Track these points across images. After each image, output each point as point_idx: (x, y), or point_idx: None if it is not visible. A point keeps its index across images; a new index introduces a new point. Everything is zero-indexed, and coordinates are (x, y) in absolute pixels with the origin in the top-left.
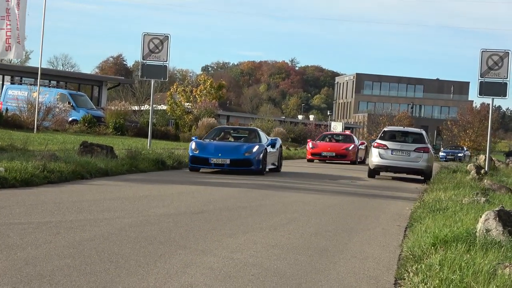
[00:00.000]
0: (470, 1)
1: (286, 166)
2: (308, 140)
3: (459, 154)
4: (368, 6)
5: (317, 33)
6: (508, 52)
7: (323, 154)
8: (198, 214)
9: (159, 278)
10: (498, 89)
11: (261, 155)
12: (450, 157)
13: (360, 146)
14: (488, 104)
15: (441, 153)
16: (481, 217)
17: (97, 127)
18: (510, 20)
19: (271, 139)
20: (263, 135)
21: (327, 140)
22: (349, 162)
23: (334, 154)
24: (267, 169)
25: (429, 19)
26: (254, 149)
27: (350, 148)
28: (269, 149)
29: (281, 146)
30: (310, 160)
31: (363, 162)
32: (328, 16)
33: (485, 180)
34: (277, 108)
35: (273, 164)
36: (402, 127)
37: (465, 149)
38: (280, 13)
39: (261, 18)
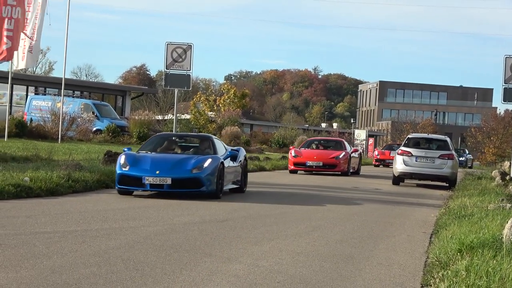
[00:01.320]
0: (493, 8)
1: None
2: (291, 147)
3: (461, 158)
4: (391, 13)
5: (340, 41)
6: None
7: (308, 164)
8: (223, 222)
9: (185, 286)
10: None
11: (216, 172)
12: None
13: (353, 154)
14: None
15: None
16: (507, 223)
17: (121, 136)
18: None
19: (231, 150)
20: (219, 144)
21: (313, 147)
22: (339, 173)
23: (321, 164)
24: (226, 189)
25: (452, 26)
26: (206, 164)
27: (340, 157)
28: (228, 163)
29: (246, 159)
30: (292, 171)
31: (356, 173)
32: (351, 23)
33: (510, 187)
34: (301, 117)
35: (234, 182)
36: (426, 134)
37: (467, 152)
38: (302, 21)
39: (283, 26)
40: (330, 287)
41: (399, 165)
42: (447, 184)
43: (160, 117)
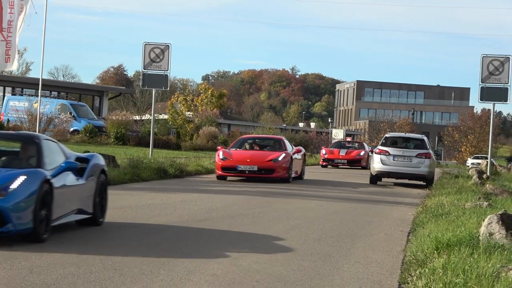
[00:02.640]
0: (470, 8)
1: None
2: (219, 148)
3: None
4: (368, 13)
5: (317, 41)
6: (509, 58)
7: (240, 169)
8: (201, 221)
9: (163, 285)
10: (499, 94)
11: (34, 198)
12: None
13: (295, 156)
14: (489, 110)
15: None
16: (484, 221)
17: (99, 137)
18: (511, 26)
19: (77, 158)
20: (52, 148)
21: (247, 147)
22: (278, 178)
23: (255, 168)
24: (67, 222)
25: (429, 26)
26: (14, 185)
27: (279, 159)
28: (65, 180)
29: (105, 172)
30: (221, 177)
31: (299, 177)
32: (328, 24)
33: (487, 185)
34: (278, 116)
35: (82, 210)
36: (403, 133)
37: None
38: (280, 21)
39: (261, 27)
40: (308, 286)
41: (377, 164)
42: (425, 183)
43: (137, 117)
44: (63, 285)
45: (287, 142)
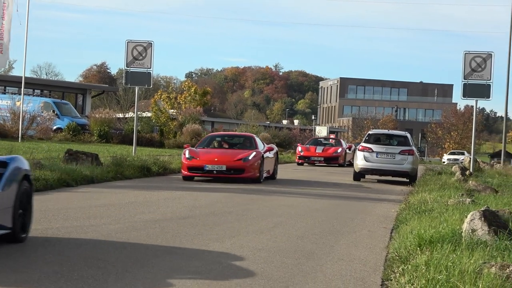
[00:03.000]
0: (453, 5)
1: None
2: (185, 146)
3: None
4: (351, 11)
5: (300, 38)
6: (491, 54)
7: (207, 169)
8: (185, 219)
9: (146, 283)
10: (482, 91)
11: None
12: None
13: (267, 154)
14: (472, 106)
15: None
16: (466, 217)
17: (82, 135)
18: (493, 22)
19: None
20: None
21: (215, 145)
22: (248, 178)
23: (224, 168)
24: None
25: (411, 23)
26: None
27: (250, 158)
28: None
29: (30, 180)
30: (187, 178)
31: (271, 177)
32: (311, 21)
33: (470, 182)
34: (262, 114)
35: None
36: (386, 130)
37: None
38: (263, 19)
39: (244, 24)
40: (291, 283)
41: (360, 161)
42: (408, 180)
43: (121, 115)
44: (46, 283)
45: (258, 140)
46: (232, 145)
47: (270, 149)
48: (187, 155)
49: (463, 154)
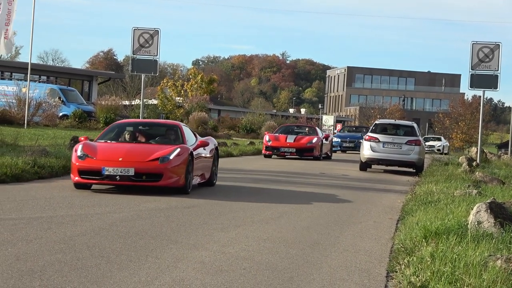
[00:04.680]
0: None
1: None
2: (81, 139)
3: (362, 140)
4: None
5: (308, 26)
6: (499, 45)
7: (107, 173)
8: (189, 208)
9: (151, 272)
10: (489, 82)
11: None
12: (348, 144)
13: (199, 151)
14: (480, 97)
15: (335, 139)
16: (472, 209)
17: (88, 122)
18: (501, 13)
19: None
20: None
21: (126, 137)
22: (167, 187)
23: (131, 172)
24: None
25: (420, 12)
26: None
27: (171, 157)
28: None
29: None
30: (79, 186)
31: (208, 183)
32: (320, 9)
33: (477, 173)
34: (269, 102)
35: None
36: (393, 120)
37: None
38: (271, 6)
39: (251, 12)
40: (296, 274)
41: (366, 151)
42: (414, 170)
43: (127, 103)
44: (49, 272)
45: (186, 130)
46: (150, 138)
47: (203, 144)
48: (79, 152)
49: (439, 140)
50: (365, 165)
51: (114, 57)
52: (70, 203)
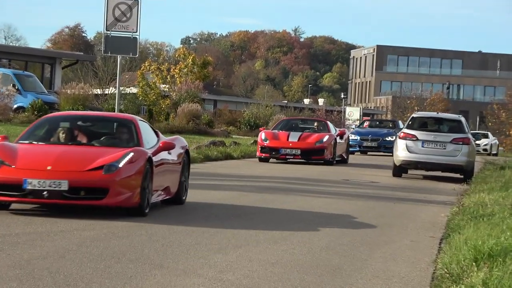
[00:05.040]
0: None
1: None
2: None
3: (388, 138)
4: None
5: None
6: None
7: (30, 187)
8: (178, 224)
9: None
10: None
11: None
12: (370, 144)
13: (161, 156)
14: None
15: (352, 137)
16: None
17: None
18: None
19: None
20: None
21: (60, 137)
22: (114, 206)
23: (65, 187)
24: None
25: None
26: None
27: (120, 165)
28: None
29: None
30: None
31: (176, 200)
32: None
33: None
34: (278, 91)
35: None
36: (435, 113)
37: (400, 124)
38: None
39: None
40: None
41: (401, 152)
42: (462, 176)
43: (99, 91)
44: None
45: (144, 127)
46: (93, 138)
47: (168, 146)
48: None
49: (486, 137)
50: (400, 170)
51: (83, 34)
52: (27, 218)
